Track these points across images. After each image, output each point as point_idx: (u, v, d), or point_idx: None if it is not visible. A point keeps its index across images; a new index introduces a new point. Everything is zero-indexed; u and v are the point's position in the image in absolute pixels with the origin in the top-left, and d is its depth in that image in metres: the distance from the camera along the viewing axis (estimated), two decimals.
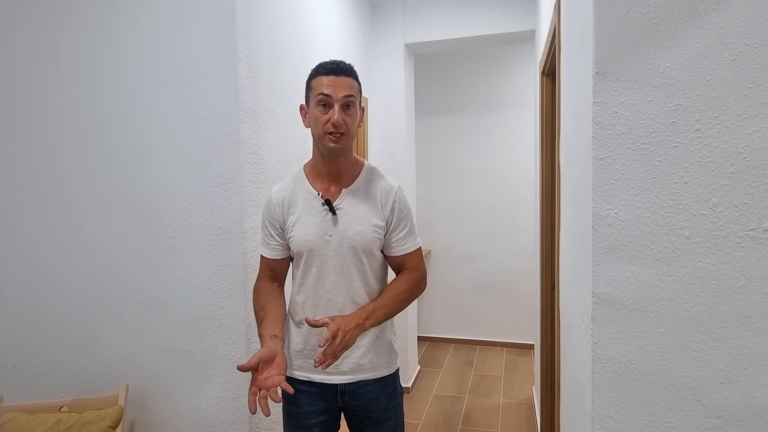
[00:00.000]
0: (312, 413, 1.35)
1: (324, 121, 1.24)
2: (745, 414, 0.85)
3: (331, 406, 1.37)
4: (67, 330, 1.82)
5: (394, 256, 1.37)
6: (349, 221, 1.30)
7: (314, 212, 1.31)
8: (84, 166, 1.77)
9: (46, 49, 1.78)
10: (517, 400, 3.27)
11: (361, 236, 1.30)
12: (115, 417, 1.59)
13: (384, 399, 1.37)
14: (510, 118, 4.20)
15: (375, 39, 3.18)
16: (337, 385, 1.35)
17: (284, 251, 1.37)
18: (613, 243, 0.89)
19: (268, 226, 1.37)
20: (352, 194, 1.33)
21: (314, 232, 1.30)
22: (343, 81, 1.25)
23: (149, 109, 1.69)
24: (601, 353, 0.91)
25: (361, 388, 1.35)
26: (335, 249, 1.30)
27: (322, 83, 1.24)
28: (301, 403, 1.36)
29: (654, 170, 0.87)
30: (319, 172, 1.34)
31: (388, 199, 1.34)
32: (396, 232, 1.35)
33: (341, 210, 1.30)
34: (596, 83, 0.89)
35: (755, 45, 0.81)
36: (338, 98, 1.23)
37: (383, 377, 1.37)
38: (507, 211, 4.22)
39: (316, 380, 1.35)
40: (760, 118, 0.81)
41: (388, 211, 1.33)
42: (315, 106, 1.25)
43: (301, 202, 1.33)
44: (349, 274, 1.31)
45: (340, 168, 1.33)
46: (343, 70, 1.26)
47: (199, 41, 1.62)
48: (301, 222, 1.31)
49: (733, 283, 0.84)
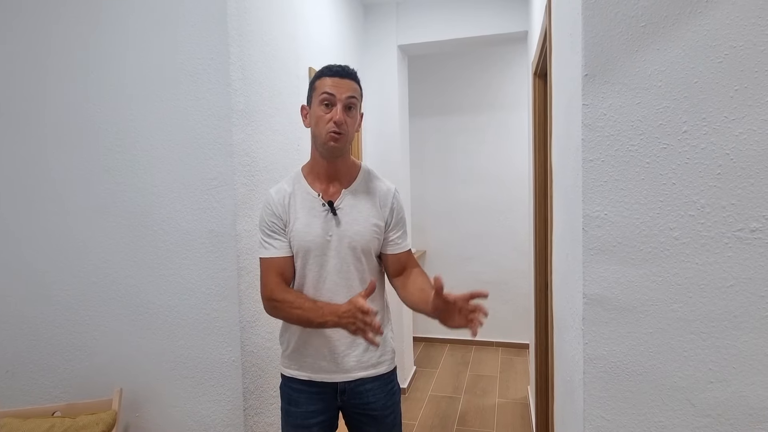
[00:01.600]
0: (311, 413, 1.36)
1: (326, 120, 1.27)
2: (734, 413, 0.86)
3: (330, 405, 1.38)
4: (59, 334, 1.81)
5: (392, 254, 1.39)
6: (349, 221, 1.32)
7: (314, 213, 1.32)
8: (74, 169, 1.76)
9: (34, 50, 1.77)
10: (513, 399, 3.28)
11: (361, 236, 1.32)
12: (109, 421, 1.58)
13: (383, 397, 1.39)
14: (504, 119, 4.21)
15: (368, 41, 3.18)
16: (337, 384, 1.36)
17: (291, 249, 1.35)
18: (603, 244, 0.90)
19: (270, 225, 1.34)
20: (351, 195, 1.35)
21: (315, 233, 1.31)
22: (346, 83, 1.28)
23: (140, 111, 1.68)
24: (592, 353, 0.92)
25: (361, 386, 1.36)
26: (335, 249, 1.31)
27: (326, 83, 1.28)
28: (300, 402, 1.37)
29: (643, 172, 0.88)
30: (318, 173, 1.36)
31: (386, 200, 1.37)
32: (394, 231, 1.38)
33: (341, 210, 1.33)
34: (585, 85, 0.90)
35: (741, 47, 0.82)
36: (341, 98, 1.26)
37: (382, 374, 1.39)
38: (502, 212, 4.24)
39: (318, 380, 1.36)
40: (747, 120, 0.82)
41: (387, 211, 1.37)
42: (318, 105, 1.28)
43: (301, 203, 1.34)
44: (348, 274, 1.32)
45: (338, 169, 1.35)
46: (348, 73, 1.30)
47: (190, 43, 1.62)
48: (301, 222, 1.32)
49: (721, 283, 0.85)
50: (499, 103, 4.23)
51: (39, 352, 1.83)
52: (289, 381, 1.40)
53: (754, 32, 0.81)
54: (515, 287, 4.17)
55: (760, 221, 0.83)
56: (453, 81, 4.33)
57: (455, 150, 4.35)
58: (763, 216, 0.82)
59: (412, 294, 1.32)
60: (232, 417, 1.66)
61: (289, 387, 1.40)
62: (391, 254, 1.39)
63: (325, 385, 1.36)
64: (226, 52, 1.59)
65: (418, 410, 3.13)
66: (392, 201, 1.38)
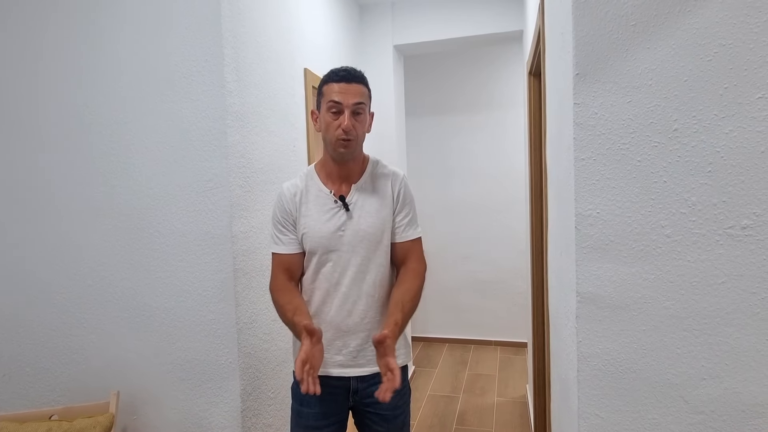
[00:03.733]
0: (323, 414, 1.36)
1: (335, 127, 1.29)
2: (727, 409, 0.86)
3: (342, 407, 1.39)
4: (56, 338, 1.81)
5: (397, 243, 1.39)
6: (361, 215, 1.34)
7: (326, 209, 1.34)
8: (69, 172, 1.75)
9: (28, 52, 1.76)
10: (512, 398, 3.28)
11: (374, 228, 1.34)
12: (106, 424, 1.58)
13: (394, 397, 1.37)
14: (500, 118, 4.21)
15: (364, 41, 3.18)
16: (350, 382, 1.36)
17: (300, 246, 1.37)
18: (596, 242, 0.91)
19: (281, 221, 1.37)
20: (361, 189, 1.37)
21: (327, 229, 1.32)
22: (353, 88, 1.29)
23: (134, 113, 1.68)
24: (586, 351, 0.92)
25: (374, 386, 1.34)
26: (349, 243, 1.32)
27: (333, 90, 1.29)
28: (312, 403, 1.36)
29: (634, 170, 0.88)
30: (330, 172, 1.38)
31: (394, 187, 1.40)
32: (400, 216, 1.39)
33: (353, 205, 1.35)
34: (577, 84, 0.90)
35: (730, 46, 0.82)
36: (348, 105, 1.28)
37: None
38: (499, 211, 4.24)
39: (333, 374, 1.36)
40: (736, 118, 0.82)
41: (394, 197, 1.39)
42: (326, 112, 1.30)
43: (313, 200, 1.36)
44: (364, 267, 1.34)
45: (350, 169, 1.37)
46: (354, 77, 1.30)
47: (185, 45, 1.61)
48: (314, 219, 1.34)
49: (712, 281, 0.85)
50: (495, 103, 4.23)
51: (35, 355, 1.83)
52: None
53: (743, 30, 0.81)
54: (513, 286, 4.18)
55: (750, 218, 0.83)
56: (449, 80, 4.33)
57: (452, 149, 4.35)
58: (753, 213, 0.83)
59: (389, 299, 1.35)
60: (230, 419, 1.66)
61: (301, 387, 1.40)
62: (395, 243, 1.38)
63: (339, 383, 1.36)
64: (220, 53, 1.59)
65: (417, 410, 3.14)
66: (399, 187, 1.40)
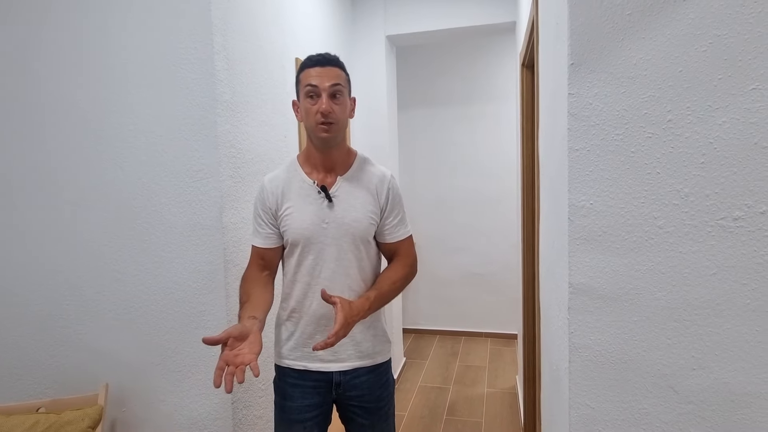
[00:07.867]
0: (306, 407, 1.36)
1: (314, 111, 1.26)
2: (717, 399, 0.87)
3: (325, 399, 1.38)
4: (43, 329, 1.78)
5: (386, 243, 1.39)
6: (345, 208, 1.32)
7: (310, 200, 1.32)
8: (57, 163, 1.72)
9: (13, 44, 1.72)
10: (501, 389, 3.31)
11: (358, 223, 1.32)
12: (95, 417, 1.56)
13: (378, 388, 1.39)
14: (493, 110, 4.21)
15: (356, 31, 3.15)
16: (333, 376, 1.35)
17: (277, 240, 1.37)
18: (589, 233, 0.90)
19: (261, 214, 1.36)
20: (347, 182, 1.34)
21: (310, 220, 1.31)
22: (329, 71, 1.27)
23: (123, 103, 1.65)
24: (578, 342, 0.92)
25: (356, 378, 1.36)
26: (332, 236, 1.31)
27: (309, 75, 1.27)
28: (295, 397, 1.36)
29: (628, 161, 0.88)
30: (314, 163, 1.35)
31: (382, 187, 1.37)
32: (390, 219, 1.38)
33: (337, 197, 1.32)
34: (571, 75, 0.89)
35: (725, 36, 0.82)
36: (325, 87, 1.25)
37: (378, 365, 1.39)
38: (492, 203, 4.25)
39: (314, 368, 1.35)
40: (730, 109, 0.82)
41: (383, 198, 1.36)
42: (304, 99, 1.28)
43: (296, 191, 1.34)
44: (346, 262, 1.32)
45: (334, 158, 1.34)
46: (329, 60, 1.28)
47: (173, 33, 1.58)
48: (297, 210, 1.32)
49: (704, 272, 0.86)
50: (488, 95, 4.22)
51: (22, 347, 1.80)
52: (284, 375, 1.39)
53: (738, 21, 0.81)
54: (504, 278, 4.20)
55: (742, 210, 0.83)
56: (442, 72, 4.31)
57: (444, 141, 4.34)
58: (745, 204, 0.83)
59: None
60: (220, 410, 1.65)
61: (283, 381, 1.39)
62: (384, 243, 1.39)
63: (320, 378, 1.35)
64: (210, 42, 1.56)
65: (407, 401, 3.15)
66: (388, 187, 1.37)
